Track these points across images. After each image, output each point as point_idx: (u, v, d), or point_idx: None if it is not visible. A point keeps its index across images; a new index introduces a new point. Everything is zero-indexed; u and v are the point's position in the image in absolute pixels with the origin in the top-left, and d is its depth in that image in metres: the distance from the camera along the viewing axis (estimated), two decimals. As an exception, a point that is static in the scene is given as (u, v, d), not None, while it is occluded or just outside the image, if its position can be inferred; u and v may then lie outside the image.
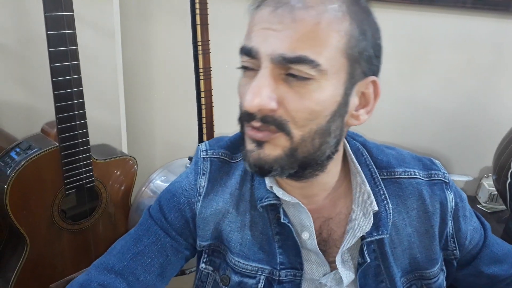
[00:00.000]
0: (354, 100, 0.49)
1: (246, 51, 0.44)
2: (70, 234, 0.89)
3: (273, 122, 0.45)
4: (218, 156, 0.59)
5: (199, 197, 0.57)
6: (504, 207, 1.04)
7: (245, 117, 0.46)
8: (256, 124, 0.46)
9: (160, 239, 0.58)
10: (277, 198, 0.53)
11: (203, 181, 0.58)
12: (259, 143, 0.46)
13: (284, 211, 0.54)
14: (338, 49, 0.44)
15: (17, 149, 0.82)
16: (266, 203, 0.53)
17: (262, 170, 0.47)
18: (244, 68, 0.46)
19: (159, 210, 0.59)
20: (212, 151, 0.59)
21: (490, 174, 1.09)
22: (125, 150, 1.09)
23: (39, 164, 0.80)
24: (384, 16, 0.52)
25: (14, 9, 0.96)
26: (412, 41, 1.02)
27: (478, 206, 1.09)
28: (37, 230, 0.84)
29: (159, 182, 0.97)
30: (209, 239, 0.57)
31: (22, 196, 0.80)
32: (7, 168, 0.79)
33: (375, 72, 0.50)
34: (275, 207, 0.54)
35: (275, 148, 0.46)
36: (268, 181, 0.54)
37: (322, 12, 0.43)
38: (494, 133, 1.03)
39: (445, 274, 0.59)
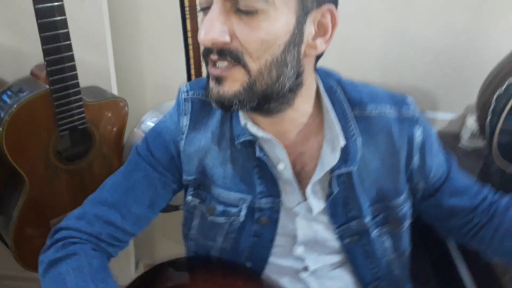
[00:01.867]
0: (309, 29, 0.51)
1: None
2: (67, 173, 0.93)
3: (230, 54, 0.47)
4: (199, 97, 0.61)
5: (182, 136, 0.61)
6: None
7: (204, 52, 0.49)
8: (214, 57, 0.48)
9: (149, 174, 0.62)
10: (253, 134, 0.56)
11: (185, 121, 0.61)
12: (218, 80, 0.49)
13: (260, 146, 0.57)
14: None
15: (9, 92, 0.83)
16: (242, 139, 0.57)
17: (224, 106, 0.51)
18: (203, 9, 0.49)
19: (147, 148, 0.63)
20: (192, 91, 0.62)
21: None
22: (115, 92, 1.10)
23: (31, 107, 0.82)
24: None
25: None
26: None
27: (460, 143, 1.13)
28: (34, 170, 0.87)
29: (150, 123, 0.99)
30: (194, 174, 0.61)
31: (18, 138, 0.82)
32: (1, 112, 0.81)
33: (332, 1, 0.50)
34: (251, 143, 0.57)
35: (233, 84, 0.49)
36: (242, 119, 0.57)
37: None
38: (480, 71, 1.04)
39: (411, 204, 0.64)
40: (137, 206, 0.61)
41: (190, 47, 0.94)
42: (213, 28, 0.46)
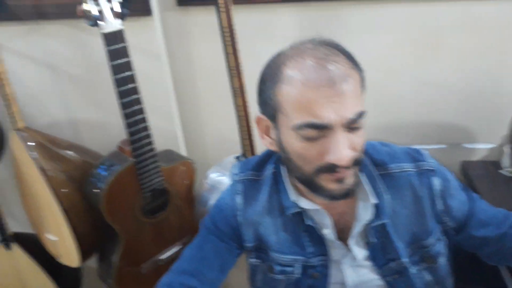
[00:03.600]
0: None
1: (317, 126, 0.58)
2: (151, 225, 1.13)
3: (356, 162, 0.62)
4: (248, 178, 0.77)
5: (238, 212, 0.76)
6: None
7: (327, 169, 0.61)
8: (343, 170, 0.61)
9: (216, 244, 0.78)
10: (301, 207, 0.71)
11: (239, 199, 0.77)
12: (340, 180, 0.62)
13: (308, 215, 0.71)
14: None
15: (103, 166, 1.05)
16: (292, 211, 0.72)
17: (347, 196, 0.65)
18: (310, 138, 0.60)
19: (212, 222, 0.80)
20: (243, 174, 0.78)
21: None
22: (183, 150, 1.29)
23: (122, 177, 1.03)
24: (398, 10, 0.63)
25: (79, 45, 1.16)
26: (425, 28, 1.10)
27: (500, 171, 1.20)
28: (126, 225, 1.08)
29: (214, 177, 1.17)
30: (252, 241, 0.77)
31: (113, 202, 1.03)
32: (99, 182, 1.02)
33: None
34: (300, 213, 0.72)
35: (352, 176, 0.63)
36: (292, 194, 0.72)
37: (352, 75, 0.60)
38: (509, 104, 1.11)
39: (445, 241, 0.76)
40: (210, 272, 0.77)
41: (238, 106, 1.09)
42: (345, 150, 0.59)
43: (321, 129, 0.59)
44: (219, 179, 1.17)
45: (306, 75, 0.58)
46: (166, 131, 1.23)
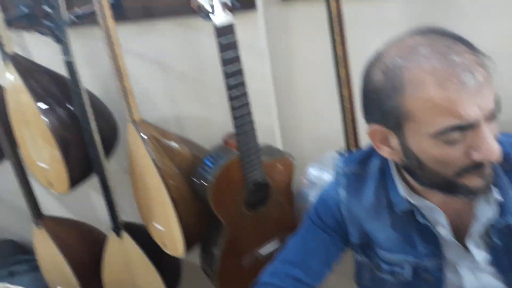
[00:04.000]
0: None
1: (463, 127, 0.53)
2: (252, 218, 1.14)
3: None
4: (353, 171, 0.74)
5: (342, 205, 0.73)
6: None
7: (474, 168, 0.56)
8: (490, 167, 0.57)
9: (321, 236, 0.77)
10: (413, 204, 0.65)
11: (343, 193, 0.74)
12: (484, 174, 0.58)
13: (420, 212, 0.66)
14: None
15: (209, 159, 1.08)
16: (403, 208, 0.66)
17: (488, 189, 0.60)
18: (448, 142, 0.55)
19: (316, 214, 0.78)
20: (347, 167, 0.75)
21: None
22: (279, 145, 1.29)
23: (227, 169, 1.05)
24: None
25: (187, 42, 1.21)
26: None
27: None
28: (230, 216, 1.10)
29: (314, 173, 1.15)
30: (358, 238, 0.74)
31: (219, 193, 1.05)
32: (207, 174, 1.05)
33: None
34: (411, 210, 0.66)
35: (490, 171, 0.59)
36: (403, 190, 0.66)
37: (478, 62, 0.55)
38: None
39: None
40: (316, 264, 0.76)
41: (344, 98, 1.06)
42: (495, 144, 0.54)
43: (467, 129, 0.54)
44: (319, 175, 1.14)
45: (437, 75, 0.53)
46: (263, 125, 1.24)
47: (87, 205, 1.62)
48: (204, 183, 1.05)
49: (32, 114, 1.11)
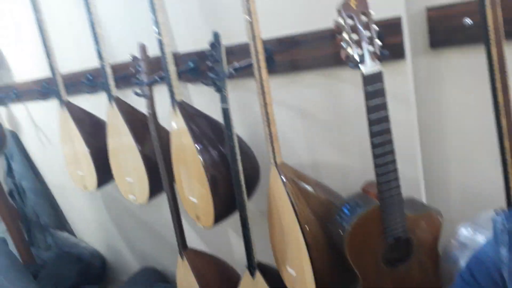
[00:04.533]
0: None
1: None
2: (390, 276, 1.06)
3: None
4: None
5: (504, 266, 0.64)
6: None
7: None
8: None
9: None
10: None
11: (504, 252, 0.64)
12: None
13: None
14: None
15: (347, 206, 1.06)
16: None
17: None
18: None
19: (470, 274, 0.69)
20: (510, 224, 0.65)
21: None
22: (423, 199, 1.20)
23: (366, 219, 1.01)
24: None
25: (330, 92, 1.25)
26: None
27: None
28: (366, 270, 1.04)
29: (467, 234, 1.03)
30: None
31: (356, 243, 1.02)
32: (344, 222, 1.03)
33: None
34: None
35: None
36: None
37: None
38: None
39: None
40: None
41: (506, 150, 0.94)
42: None
43: None
44: (472, 236, 1.02)
45: None
46: (407, 176, 1.17)
47: (225, 242, 1.72)
48: (340, 231, 1.03)
49: (190, 153, 1.27)
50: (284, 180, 1.11)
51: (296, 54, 1.24)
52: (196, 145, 1.24)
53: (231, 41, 1.28)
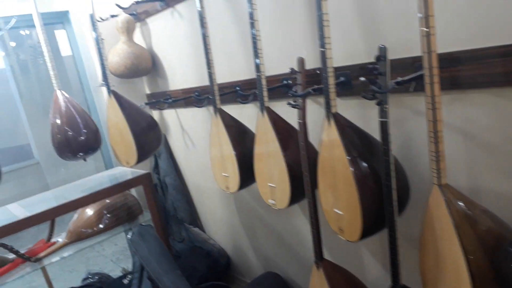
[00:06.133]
0: None
1: None
2: None
3: None
4: None
5: None
6: None
7: None
8: None
9: None
10: None
11: None
12: None
13: None
14: None
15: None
16: None
17: None
18: None
19: None
20: None
21: None
22: None
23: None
24: None
25: (503, 116, 1.15)
26: None
27: None
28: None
29: None
30: None
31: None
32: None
33: None
34: None
35: None
36: None
37: None
38: None
39: None
40: None
41: None
42: None
43: None
44: None
45: None
46: None
47: (356, 259, 1.69)
48: (515, 265, 0.94)
49: (340, 165, 1.28)
50: (448, 202, 1.05)
51: (457, 71, 1.18)
52: (348, 157, 1.25)
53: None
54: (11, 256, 2.12)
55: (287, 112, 1.70)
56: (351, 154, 1.26)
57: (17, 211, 2.05)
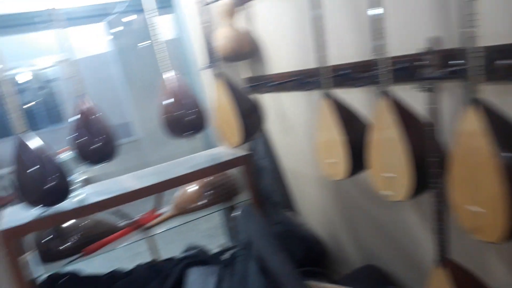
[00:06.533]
0: None
1: None
2: None
3: None
4: None
5: None
6: None
7: None
8: None
9: None
10: None
11: None
12: None
13: None
14: None
15: None
16: None
17: None
18: None
19: None
20: None
21: None
22: None
23: None
24: None
25: None
26: None
27: None
28: None
29: None
30: None
31: None
32: None
33: None
34: None
35: None
36: None
37: None
38: None
39: None
40: None
41: None
42: None
43: None
44: None
45: None
46: None
47: (484, 263, 1.53)
48: None
49: (484, 158, 1.14)
50: None
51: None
52: (497, 149, 1.11)
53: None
54: (120, 224, 2.29)
55: (404, 98, 1.57)
56: (501, 147, 1.11)
57: (129, 183, 2.20)
